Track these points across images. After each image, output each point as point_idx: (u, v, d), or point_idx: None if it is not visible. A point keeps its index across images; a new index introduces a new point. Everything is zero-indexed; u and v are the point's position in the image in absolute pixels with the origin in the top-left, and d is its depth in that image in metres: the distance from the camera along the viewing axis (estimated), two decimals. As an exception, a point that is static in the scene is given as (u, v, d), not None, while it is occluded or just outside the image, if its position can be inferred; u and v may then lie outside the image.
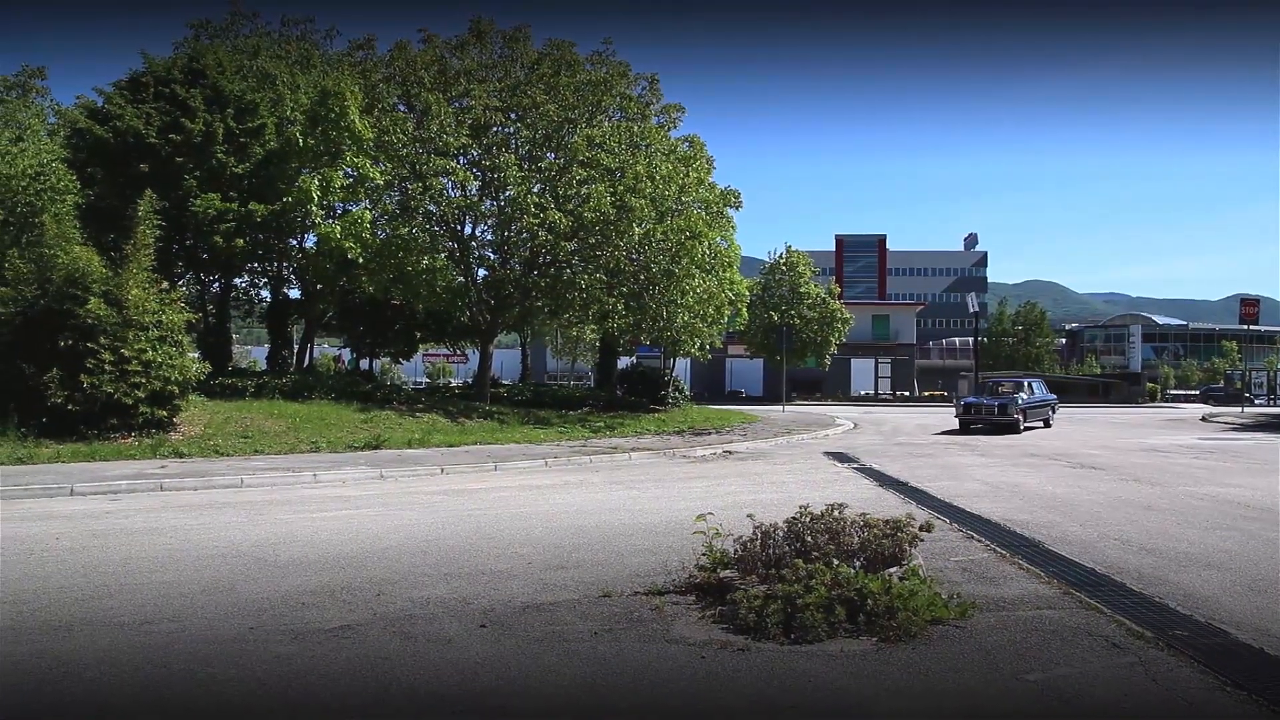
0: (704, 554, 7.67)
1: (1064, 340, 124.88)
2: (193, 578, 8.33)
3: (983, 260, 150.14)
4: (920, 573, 7.20)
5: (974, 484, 15.89)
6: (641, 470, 18.58)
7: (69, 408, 18.79)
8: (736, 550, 7.46)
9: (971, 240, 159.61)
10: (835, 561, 6.85)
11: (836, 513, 7.56)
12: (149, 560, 9.17)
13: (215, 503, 13.73)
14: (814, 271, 60.14)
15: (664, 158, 29.56)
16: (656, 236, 28.00)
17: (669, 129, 31.54)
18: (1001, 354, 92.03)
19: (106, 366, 18.91)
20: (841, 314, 57.79)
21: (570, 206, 27.26)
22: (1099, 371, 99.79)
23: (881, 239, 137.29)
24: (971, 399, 32.16)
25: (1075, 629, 6.62)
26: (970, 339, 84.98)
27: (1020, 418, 30.44)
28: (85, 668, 5.76)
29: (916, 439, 27.61)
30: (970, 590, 7.64)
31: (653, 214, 27.89)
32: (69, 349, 18.92)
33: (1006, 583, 8.09)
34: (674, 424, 30.22)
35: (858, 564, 6.99)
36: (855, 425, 34.03)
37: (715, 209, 30.90)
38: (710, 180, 31.50)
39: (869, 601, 6.42)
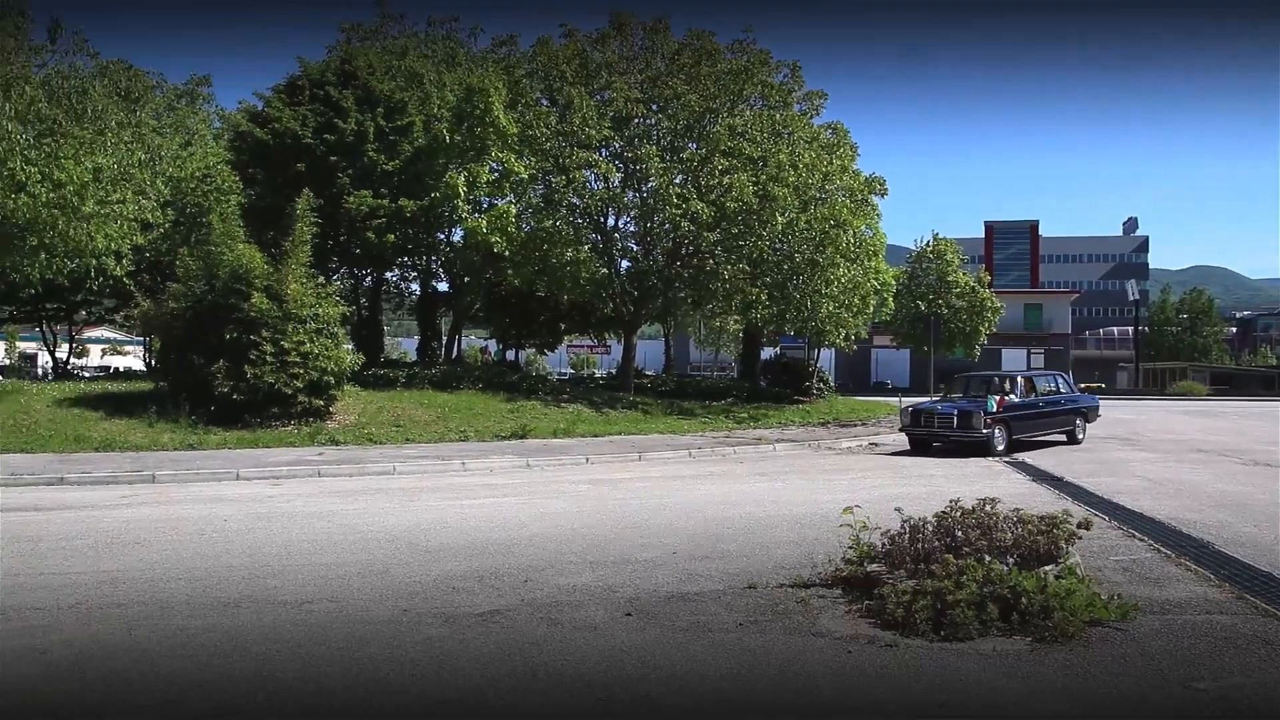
0: (850, 547, 7.55)
1: (1234, 329, 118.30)
2: (349, 560, 8.63)
3: (1143, 245, 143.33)
4: (1077, 571, 6.91)
5: (1135, 480, 15.19)
6: (786, 462, 18.42)
7: (234, 397, 19.73)
8: (884, 544, 7.31)
9: (1131, 225, 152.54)
10: (987, 558, 6.64)
11: (988, 507, 7.32)
12: (309, 543, 9.56)
13: (369, 489, 14.22)
14: (962, 259, 58.44)
15: (807, 145, 29.19)
16: (800, 226, 27.68)
17: (811, 116, 31.12)
18: (1165, 344, 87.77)
19: (268, 358, 19.78)
20: (991, 303, 56.02)
21: (713, 197, 27.17)
22: (1274, 363, 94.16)
23: (1034, 225, 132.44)
24: (924, 404, 21.84)
25: (1250, 636, 6.23)
26: (1130, 328, 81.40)
27: (997, 432, 19.73)
28: (252, 643, 6.03)
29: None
30: (1132, 591, 7.29)
31: (796, 203, 27.58)
32: (234, 341, 19.86)
33: (1172, 584, 7.70)
34: (818, 415, 29.85)
35: (1010, 561, 6.75)
36: (1006, 417, 32.98)
37: (860, 197, 30.35)
38: (854, 167, 30.95)
39: (1023, 600, 6.20)
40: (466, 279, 32.54)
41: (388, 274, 34.58)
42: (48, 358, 46.31)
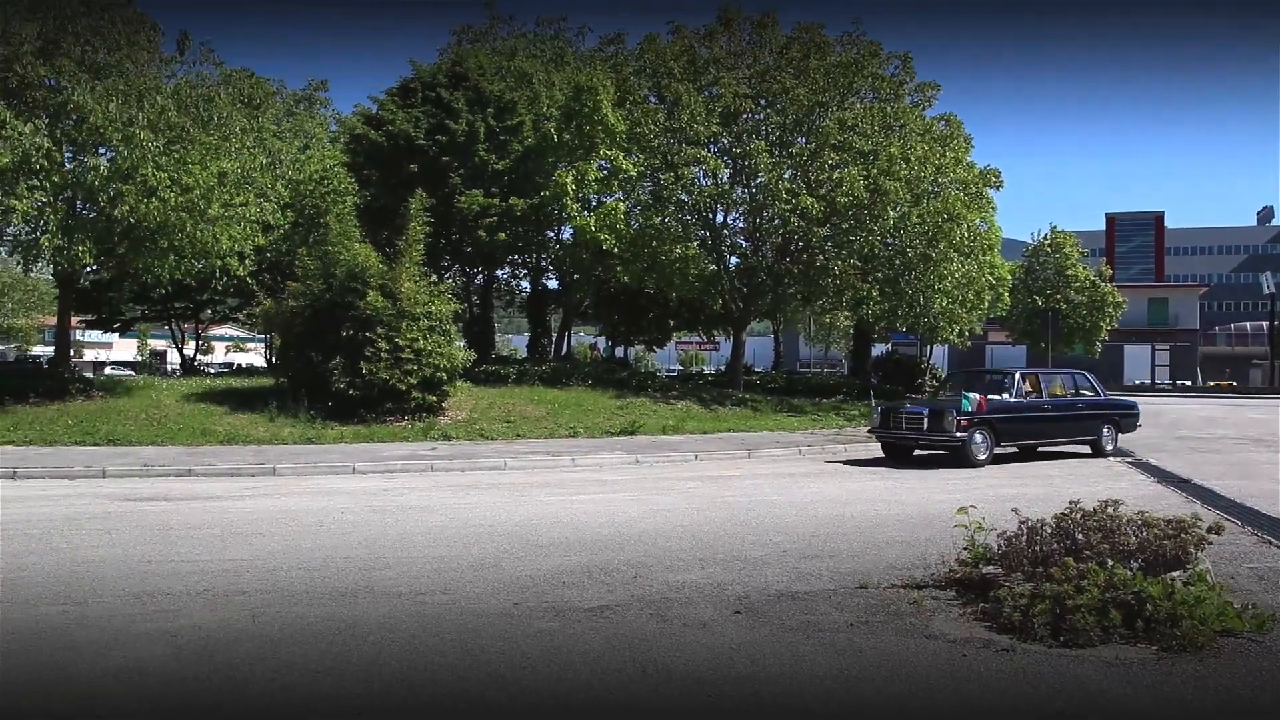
0: (965, 548, 7.37)
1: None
2: (461, 553, 8.78)
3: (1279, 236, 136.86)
4: (1208, 578, 6.61)
5: (1271, 484, 14.49)
6: (897, 460, 18.13)
7: (350, 392, 20.27)
8: (1000, 546, 7.12)
9: (1266, 214, 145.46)
10: (1109, 562, 6.40)
11: (1110, 509, 7.07)
12: (422, 536, 9.76)
13: (480, 484, 14.45)
14: (1082, 253, 56.71)
15: (919, 138, 28.65)
16: (912, 220, 27.20)
17: (923, 108, 30.54)
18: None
19: (383, 354, 20.25)
20: (1113, 297, 54.24)
21: (822, 191, 26.89)
22: None
23: (1158, 216, 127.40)
24: (892, 405, 19.20)
25: (1398, 648, 5.89)
26: (1265, 323, 77.73)
27: (978, 437, 16.80)
28: (368, 632, 6.17)
29: (1200, 433, 25.53)
30: (1269, 601, 6.93)
31: (908, 197, 27.10)
32: (350, 339, 20.40)
33: (1311, 592, 7.33)
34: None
35: (1134, 565, 6.49)
36: (1129, 416, 31.78)
37: (974, 190, 29.68)
38: (968, 160, 30.29)
39: (1148, 606, 5.95)
40: (576, 276, 32.84)
41: (498, 272, 35.11)
42: (176, 355, 48.29)
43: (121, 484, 14.19)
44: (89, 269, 24.13)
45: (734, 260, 30.34)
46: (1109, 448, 19.24)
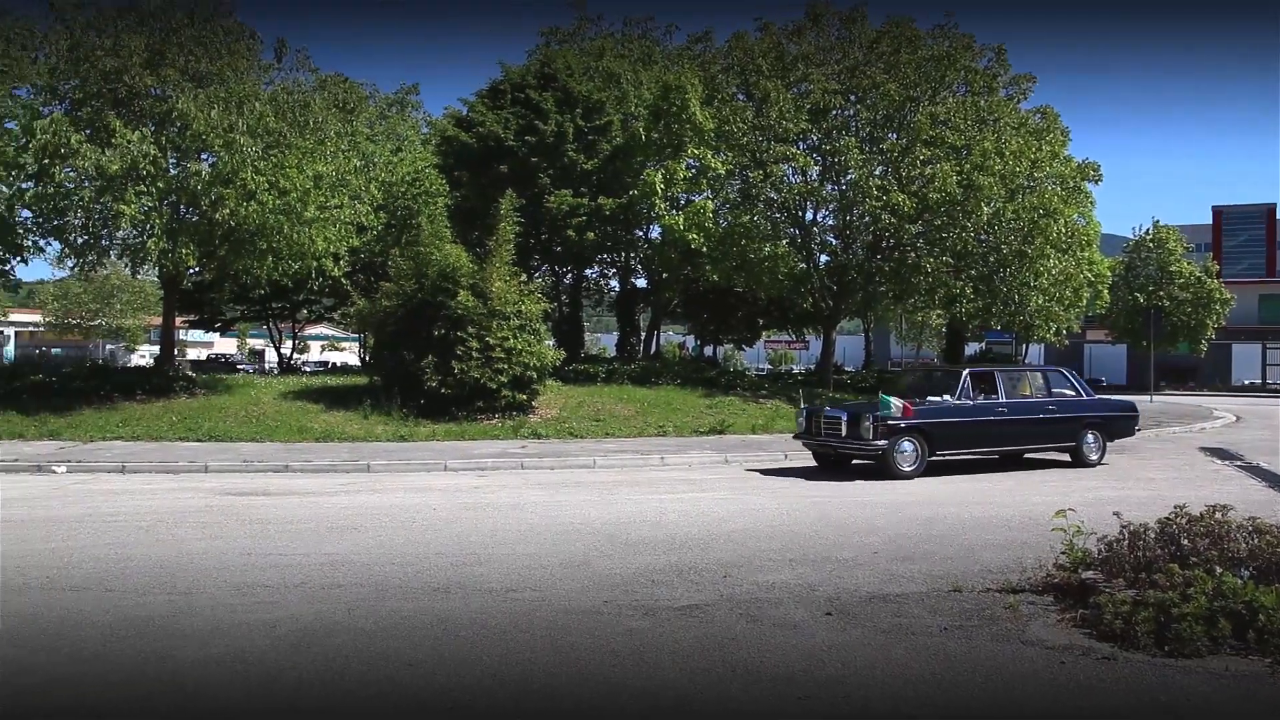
0: (1063, 552, 7.17)
1: None
2: (551, 551, 8.84)
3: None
4: (1324, 586, 6.34)
5: (1388, 486, 13.87)
6: (988, 462, 17.76)
7: (442, 391, 20.55)
8: (1100, 550, 6.91)
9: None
10: (1217, 569, 6.17)
11: (1219, 515, 6.81)
12: (512, 533, 9.85)
13: (570, 482, 14.53)
14: (1186, 248, 54.98)
15: (1014, 132, 28.01)
16: (1007, 216, 26.62)
17: (1018, 101, 29.85)
18: None
19: (474, 353, 20.50)
20: (1220, 294, 52.46)
21: (914, 188, 26.46)
22: None
23: (1270, 208, 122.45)
24: (814, 408, 16.94)
25: None
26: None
27: (906, 445, 14.74)
28: (460, 628, 6.25)
29: (1313, 433, 24.50)
30: (1387, 607, 6.63)
31: (1003, 192, 26.52)
32: (441, 338, 20.68)
33: None
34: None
35: (1245, 574, 6.24)
36: (1237, 419, 30.62)
37: (1071, 184, 28.93)
38: (1065, 153, 29.51)
39: (1260, 617, 5.71)
40: (664, 275, 32.86)
41: (587, 271, 35.30)
42: (274, 353, 49.60)
43: (223, 479, 14.62)
44: (192, 271, 24.91)
45: (824, 258, 30.04)
46: (1094, 457, 16.77)
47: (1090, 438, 16.89)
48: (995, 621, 6.37)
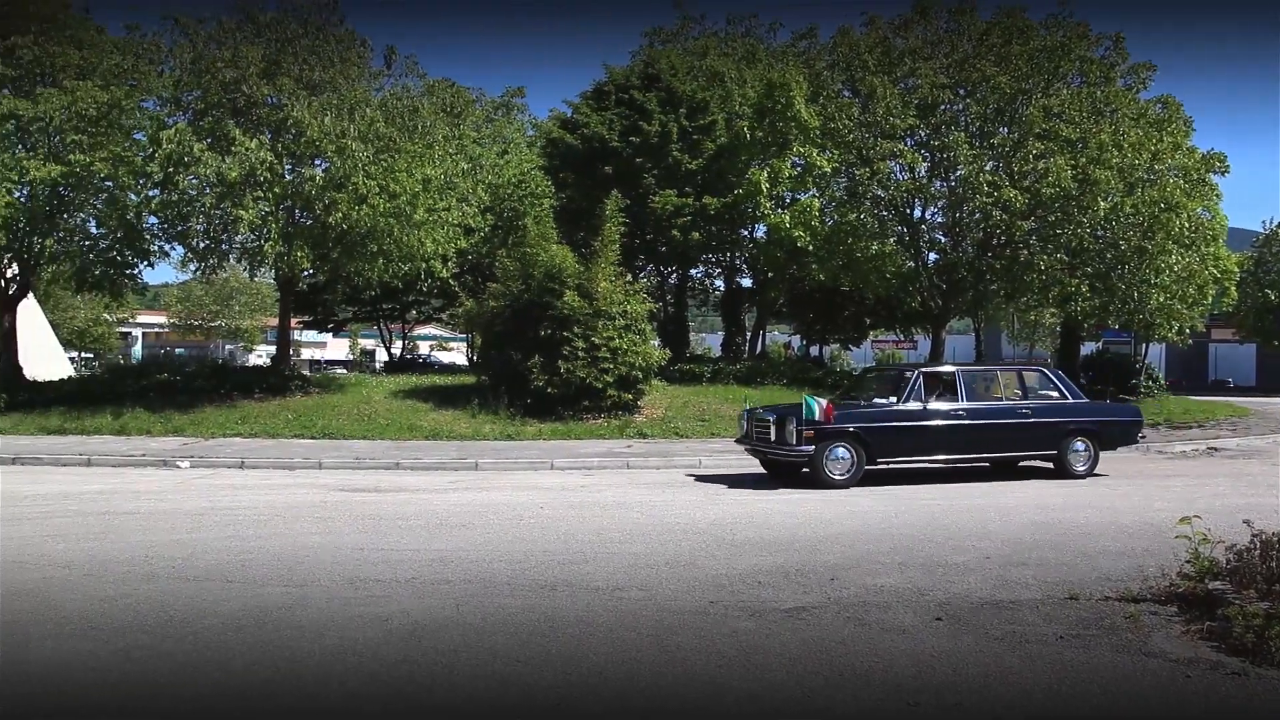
0: (1188, 561, 6.87)
1: None
2: (657, 550, 8.83)
3: None
4: None
5: None
6: (1109, 464, 17.16)
7: (548, 390, 20.74)
8: (1228, 560, 6.61)
9: None
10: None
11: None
12: (618, 532, 9.88)
13: (675, 481, 14.54)
14: (1320, 242, 52.37)
15: (1132, 123, 27.04)
16: (1125, 210, 25.70)
17: (1137, 91, 28.81)
18: None
19: (580, 353, 20.64)
20: (1356, 290, 49.83)
21: (1027, 183, 25.76)
22: None
23: None
24: (752, 410, 15.52)
25: None
26: None
27: (840, 451, 13.66)
28: (567, 625, 6.28)
29: None
30: None
31: (1120, 186, 25.62)
32: (548, 338, 20.88)
33: None
34: (1147, 416, 27.51)
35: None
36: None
37: (1195, 176, 27.77)
38: (1188, 144, 28.38)
39: (1406, 631, 5.41)
40: (770, 274, 32.62)
41: (692, 271, 35.26)
42: (383, 353, 50.74)
43: (336, 475, 15.01)
44: (306, 273, 25.65)
45: (932, 256, 29.43)
46: (1080, 467, 14.96)
47: (1080, 445, 15.09)
48: (1115, 632, 6.15)
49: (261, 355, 64.58)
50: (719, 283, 37.23)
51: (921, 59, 27.47)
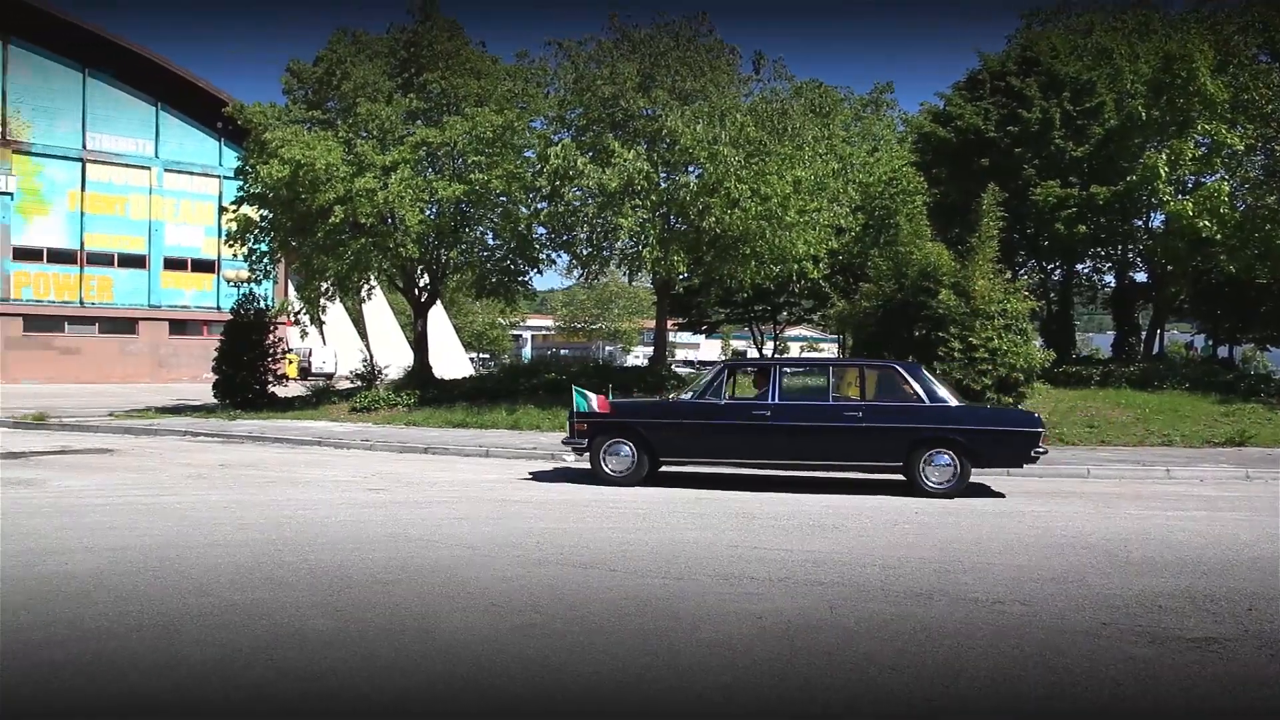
0: None
1: None
2: (1041, 564, 8.28)
3: None
4: None
5: None
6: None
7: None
8: None
9: None
10: None
11: None
12: (998, 542, 9.39)
13: (1060, 491, 13.71)
14: None
15: None
16: None
17: None
18: None
19: (956, 354, 19.87)
20: None
21: None
22: None
23: None
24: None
25: None
26: None
27: (622, 449, 12.90)
28: (944, 636, 6.00)
29: None
30: None
31: None
32: (922, 338, 20.27)
33: None
34: None
35: None
36: None
37: None
38: None
39: None
40: (1169, 268, 29.81)
41: (1078, 266, 33.02)
42: (754, 354, 51.59)
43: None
44: (682, 276, 26.55)
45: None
46: (931, 483, 12.41)
47: (944, 459, 12.45)
48: None
49: (639, 356, 67.94)
50: (1109, 278, 34.59)
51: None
